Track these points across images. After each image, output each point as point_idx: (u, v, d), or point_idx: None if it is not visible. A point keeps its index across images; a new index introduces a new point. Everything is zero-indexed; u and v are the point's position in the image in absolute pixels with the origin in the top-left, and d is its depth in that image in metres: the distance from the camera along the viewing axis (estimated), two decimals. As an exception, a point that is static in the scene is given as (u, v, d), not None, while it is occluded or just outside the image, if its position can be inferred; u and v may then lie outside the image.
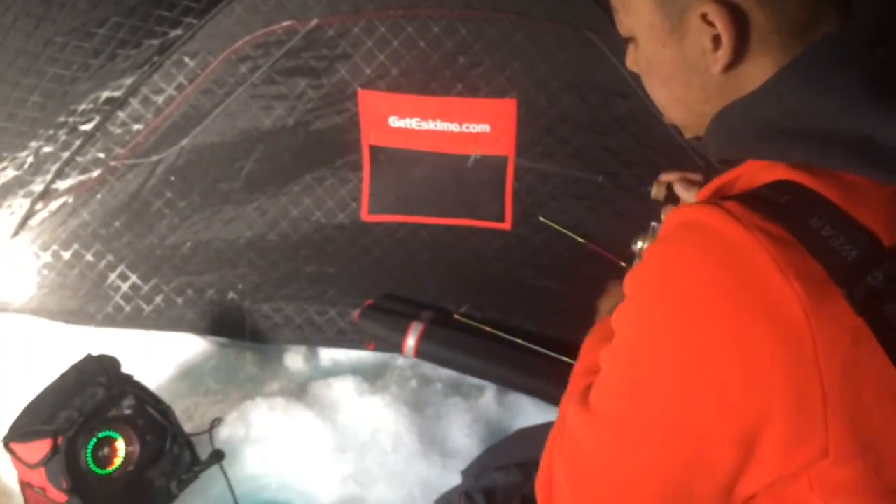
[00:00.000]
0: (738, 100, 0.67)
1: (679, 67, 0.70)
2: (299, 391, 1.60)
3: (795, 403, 0.54)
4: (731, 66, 0.66)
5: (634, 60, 0.77)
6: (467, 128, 1.53)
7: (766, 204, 0.57)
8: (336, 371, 1.71)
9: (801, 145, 0.60)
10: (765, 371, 0.54)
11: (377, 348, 1.74)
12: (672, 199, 1.03)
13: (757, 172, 0.62)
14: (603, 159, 1.52)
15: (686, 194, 0.95)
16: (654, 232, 0.97)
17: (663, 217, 0.97)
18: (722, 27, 0.64)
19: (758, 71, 0.66)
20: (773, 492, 0.59)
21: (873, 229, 0.54)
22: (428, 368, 1.68)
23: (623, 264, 1.41)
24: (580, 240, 1.58)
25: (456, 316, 1.73)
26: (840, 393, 0.53)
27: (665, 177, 1.01)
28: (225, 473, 1.34)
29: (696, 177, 0.97)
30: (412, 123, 1.54)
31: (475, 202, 1.62)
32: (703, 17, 0.65)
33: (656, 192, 1.04)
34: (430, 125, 1.54)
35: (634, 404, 0.61)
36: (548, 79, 1.46)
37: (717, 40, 0.65)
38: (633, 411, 0.61)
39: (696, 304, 0.56)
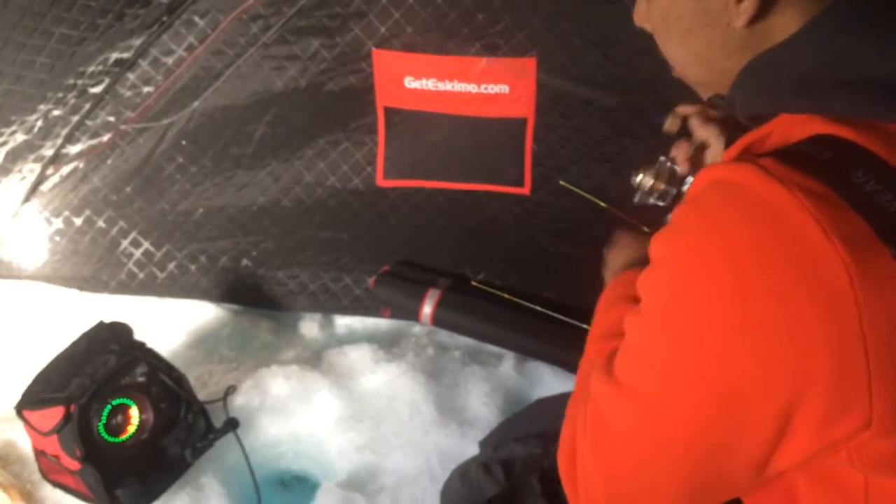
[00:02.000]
0: (769, 50, 0.63)
1: (698, 22, 0.67)
2: (314, 359, 1.58)
3: (837, 374, 0.51)
4: (756, 18, 0.62)
5: (646, 15, 0.73)
6: (485, 89, 1.49)
7: (805, 159, 0.53)
8: (351, 339, 1.69)
9: (842, 96, 0.56)
10: (805, 340, 0.51)
11: (393, 315, 1.71)
12: (685, 133, 0.97)
13: (792, 128, 0.58)
14: (627, 120, 1.46)
15: (701, 130, 0.89)
16: (661, 166, 0.92)
17: (673, 153, 0.92)
18: None
19: (786, 22, 0.62)
20: (811, 466, 0.55)
21: None
22: (445, 336, 1.65)
23: (646, 229, 1.37)
24: (602, 204, 1.53)
25: (473, 283, 1.69)
26: (888, 360, 0.49)
27: (682, 110, 0.95)
28: (240, 441, 1.32)
29: (715, 113, 0.91)
30: (428, 84, 1.50)
31: (493, 166, 1.58)
32: None
33: (670, 124, 0.98)
34: (447, 86, 1.49)
35: (665, 377, 0.58)
36: (569, 36, 1.40)
37: None
38: (665, 385, 0.58)
39: (731, 272, 0.53)
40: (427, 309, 1.60)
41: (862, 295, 0.49)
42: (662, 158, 0.95)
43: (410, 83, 1.50)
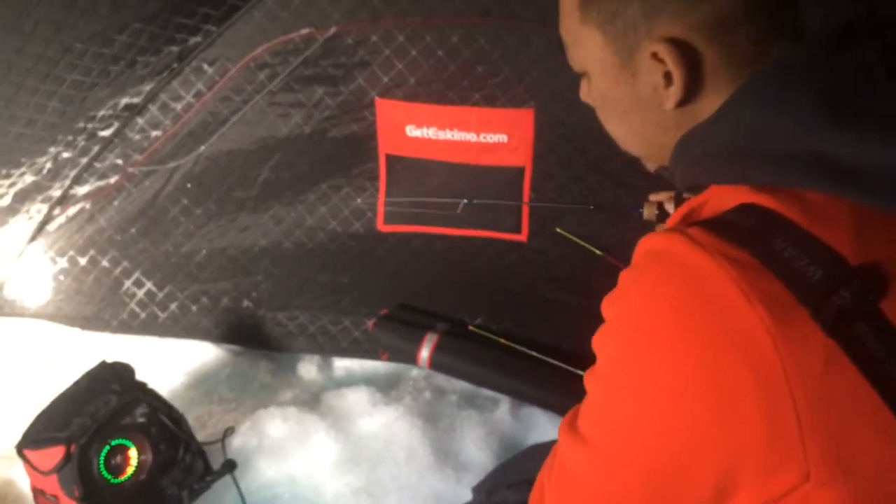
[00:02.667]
0: (697, 127, 0.67)
1: (633, 103, 0.71)
2: (312, 401, 1.59)
3: (770, 429, 0.53)
4: (684, 101, 0.67)
5: (588, 93, 0.77)
6: (484, 137, 1.52)
7: (729, 228, 0.57)
8: (350, 381, 1.70)
9: (761, 167, 0.60)
10: (736, 399, 0.54)
11: (391, 359, 1.73)
12: (664, 217, 1.02)
13: (724, 196, 0.62)
14: (622, 170, 1.50)
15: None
16: None
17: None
18: (672, 65, 0.65)
19: (711, 103, 0.66)
20: None
21: (838, 248, 0.54)
22: (442, 380, 1.66)
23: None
24: (598, 252, 1.56)
25: (471, 327, 1.72)
26: (816, 415, 0.53)
27: (654, 197, 1.01)
28: (237, 483, 1.33)
29: (689, 194, 0.96)
30: (429, 133, 1.53)
31: (490, 213, 1.61)
32: (654, 55, 0.66)
33: (648, 212, 1.05)
34: (448, 135, 1.53)
35: (617, 434, 0.62)
36: (566, 88, 1.44)
37: (668, 77, 0.66)
38: (616, 441, 0.62)
39: (664, 336, 0.57)
40: (425, 353, 1.62)
41: (786, 355, 0.52)
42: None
43: (412, 131, 1.54)
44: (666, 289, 0.57)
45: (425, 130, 1.53)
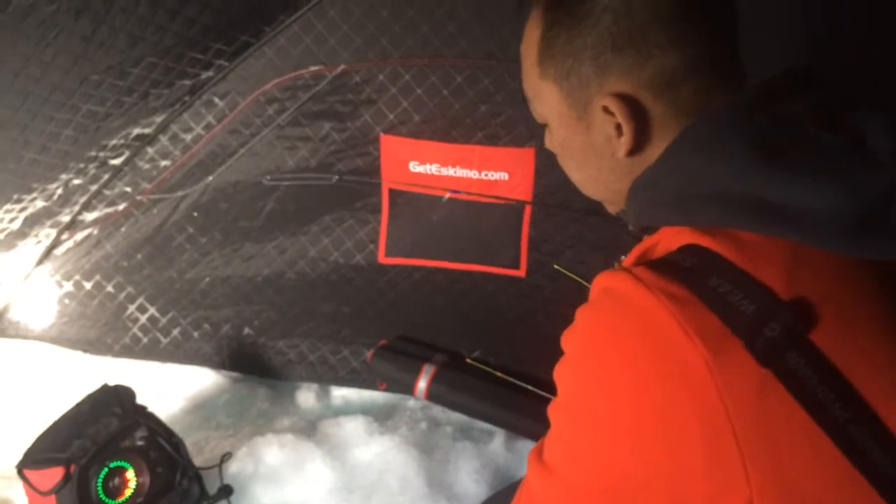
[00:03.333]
0: (643, 173, 0.73)
1: (589, 151, 0.77)
2: (310, 429, 1.61)
3: (713, 457, 0.57)
4: (634, 150, 0.73)
5: (551, 143, 0.84)
6: (486, 175, 1.56)
7: (671, 267, 0.61)
8: (347, 410, 1.72)
9: (701, 210, 0.64)
10: (680, 428, 0.57)
11: (388, 389, 1.75)
12: None
13: (671, 238, 0.66)
14: (619, 210, 1.53)
15: None
16: None
17: None
18: (621, 118, 0.70)
19: (658, 150, 0.72)
20: None
21: (770, 284, 0.58)
22: (438, 411, 1.68)
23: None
24: (594, 289, 1.58)
25: (468, 360, 1.74)
26: (755, 443, 0.56)
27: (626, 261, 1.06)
28: (232, 509, 1.34)
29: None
30: (432, 169, 1.57)
31: (491, 248, 1.64)
32: (605, 108, 0.71)
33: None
34: (450, 171, 1.57)
35: (572, 462, 0.66)
36: (567, 130, 1.48)
37: (619, 128, 0.72)
38: (573, 468, 0.66)
39: (612, 368, 0.61)
40: (422, 384, 1.64)
41: (722, 385, 0.56)
42: None
43: (415, 167, 1.58)
44: (614, 324, 0.61)
45: (428, 167, 1.57)
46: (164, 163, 1.61)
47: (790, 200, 0.60)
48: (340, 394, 1.79)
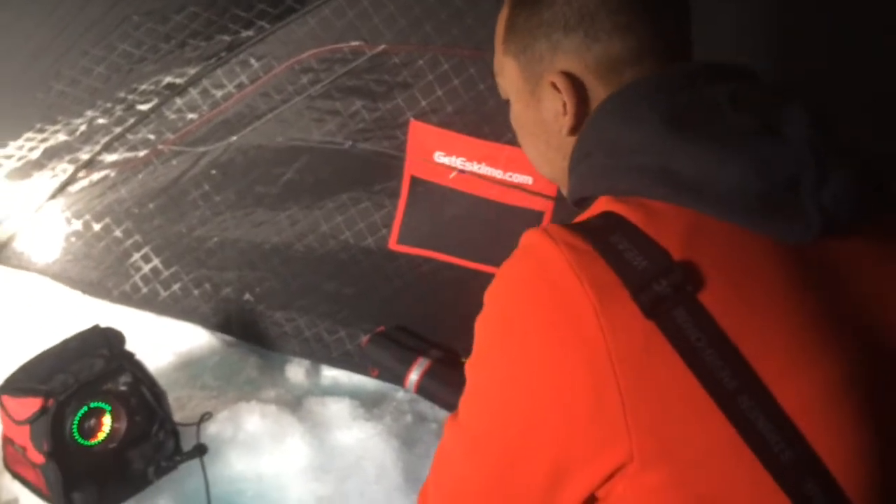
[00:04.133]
0: (575, 145, 0.77)
1: (539, 127, 0.82)
2: (295, 403, 1.59)
3: (596, 404, 0.58)
4: (576, 129, 0.77)
5: (512, 118, 0.89)
6: (510, 177, 1.54)
7: (580, 226, 0.64)
8: (335, 391, 1.69)
9: (619, 178, 0.68)
10: (567, 373, 0.59)
11: (380, 377, 1.73)
12: None
13: (596, 208, 0.69)
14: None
15: None
16: None
17: None
18: (566, 95, 0.76)
19: None
20: (603, 499, 0.62)
21: (666, 246, 0.61)
22: (426, 406, 1.66)
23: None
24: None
25: (463, 360, 1.71)
26: (637, 394, 0.57)
27: None
28: (204, 469, 1.33)
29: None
30: (457, 162, 1.55)
31: (504, 251, 1.61)
32: (553, 84, 0.77)
33: None
34: (474, 167, 1.55)
35: (475, 410, 0.69)
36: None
37: (566, 106, 0.76)
38: (476, 417, 0.69)
39: (511, 314, 0.64)
40: (413, 376, 1.60)
41: (609, 334, 0.58)
42: None
43: (440, 158, 1.56)
44: (517, 274, 0.65)
45: (453, 159, 1.55)
46: (190, 115, 1.61)
47: (694, 171, 0.63)
48: (331, 374, 1.76)
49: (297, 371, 1.75)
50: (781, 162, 0.62)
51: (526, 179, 1.53)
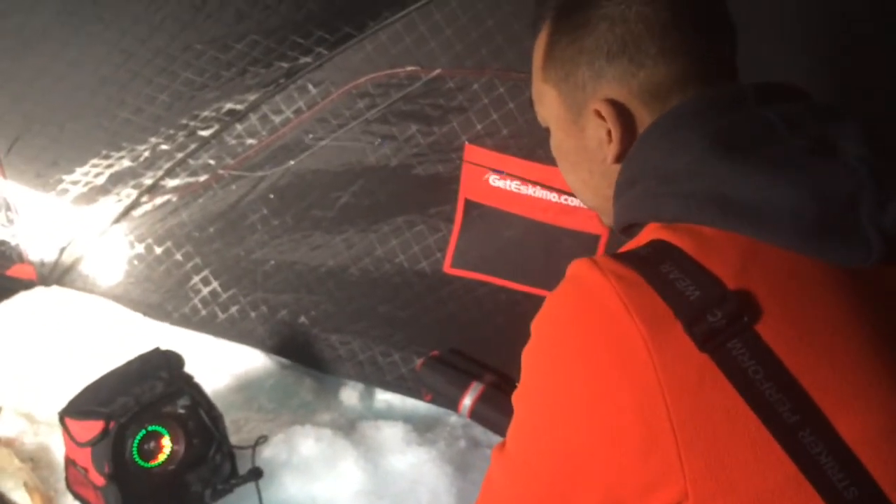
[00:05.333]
0: (620, 171, 0.75)
1: (582, 155, 0.80)
2: (348, 427, 1.59)
3: (648, 441, 0.56)
4: (622, 156, 0.75)
5: (552, 146, 0.87)
6: (566, 200, 1.52)
7: (629, 256, 0.62)
8: (388, 415, 1.69)
9: (665, 204, 0.66)
10: (616, 411, 0.57)
11: (433, 401, 1.72)
12: None
13: (644, 237, 0.67)
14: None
15: None
16: None
17: None
18: (611, 122, 0.74)
19: None
20: None
21: (720, 275, 0.58)
22: (479, 432, 1.64)
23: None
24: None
25: (517, 385, 1.69)
26: (691, 431, 0.54)
27: None
28: (259, 493, 1.33)
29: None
30: (512, 185, 1.54)
31: (560, 275, 1.59)
32: (597, 113, 0.75)
33: None
34: (530, 191, 1.54)
35: (523, 442, 0.67)
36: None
37: (610, 133, 0.75)
38: (523, 448, 0.67)
39: (557, 346, 0.62)
40: (467, 401, 1.59)
41: (660, 367, 0.55)
42: None
43: (495, 181, 1.55)
44: (566, 305, 0.63)
45: (508, 182, 1.54)
46: (249, 141, 1.63)
47: (748, 195, 0.60)
48: (384, 398, 1.76)
49: (350, 394, 1.75)
50: (838, 183, 0.60)
51: (581, 203, 1.51)
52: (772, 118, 0.65)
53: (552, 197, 1.53)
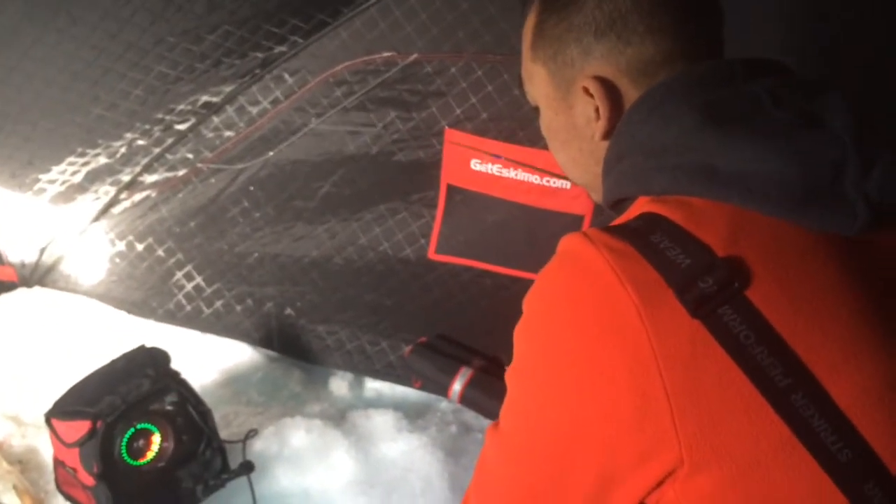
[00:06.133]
0: (608, 147, 0.75)
1: (571, 133, 0.81)
2: (339, 417, 1.59)
3: (642, 409, 0.56)
4: (610, 133, 0.76)
5: (541, 125, 0.88)
6: (548, 182, 1.52)
7: (620, 228, 0.63)
8: (378, 403, 1.69)
9: (654, 177, 0.67)
10: (611, 381, 0.58)
11: (423, 388, 1.72)
12: None
13: (634, 210, 0.68)
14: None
15: None
16: None
17: None
18: (599, 99, 0.74)
19: None
20: None
21: (710, 243, 0.59)
22: (470, 417, 1.64)
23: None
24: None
25: (507, 368, 1.69)
26: (685, 397, 0.55)
27: None
28: (251, 486, 1.33)
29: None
30: (493, 169, 1.54)
31: (545, 257, 1.59)
32: (585, 90, 0.76)
33: None
34: (512, 173, 1.53)
35: (516, 419, 0.68)
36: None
37: (598, 110, 0.75)
38: (516, 426, 0.68)
39: (550, 320, 0.63)
40: (457, 387, 1.59)
41: (653, 335, 0.56)
42: None
43: (476, 165, 1.54)
44: (558, 279, 0.64)
45: (490, 166, 1.54)
46: (227, 133, 1.62)
47: (735, 165, 0.61)
48: (374, 386, 1.76)
49: (340, 384, 1.75)
50: (823, 151, 0.61)
51: (564, 184, 1.51)
52: (759, 92, 0.66)
53: (534, 179, 1.52)
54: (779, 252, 0.60)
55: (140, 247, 1.75)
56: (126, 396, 1.26)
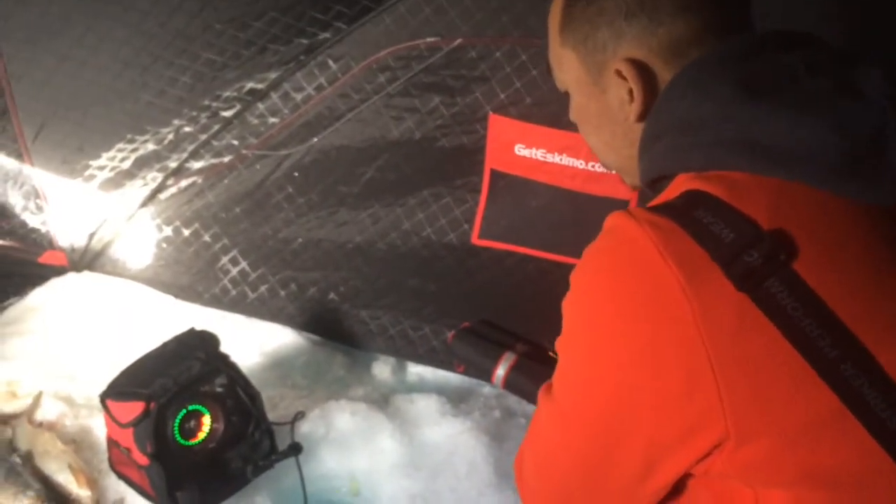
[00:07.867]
0: (645, 126, 0.74)
1: (604, 117, 0.80)
2: (382, 401, 1.60)
3: (688, 383, 0.57)
4: (644, 115, 0.75)
5: (572, 111, 0.88)
6: (592, 167, 1.51)
7: (664, 206, 0.63)
8: (421, 387, 1.70)
9: (694, 153, 0.66)
10: (657, 353, 0.58)
11: (466, 372, 1.72)
12: None
13: (674, 189, 0.67)
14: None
15: None
16: None
17: None
18: (632, 81, 0.74)
19: None
20: (707, 481, 0.62)
21: (754, 217, 0.59)
22: (514, 401, 1.65)
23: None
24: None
25: (551, 354, 1.69)
26: (732, 371, 0.56)
27: None
28: (300, 467, 1.34)
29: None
30: (538, 154, 1.53)
31: (588, 242, 1.58)
32: (618, 72, 0.75)
33: None
34: (556, 159, 1.53)
35: (569, 390, 0.69)
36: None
37: (632, 93, 0.75)
38: (569, 396, 0.68)
39: (599, 296, 0.63)
40: (500, 371, 1.59)
41: (698, 310, 0.56)
42: None
43: (520, 150, 1.54)
44: (603, 256, 0.65)
45: (534, 151, 1.53)
46: (272, 120, 1.63)
47: (775, 136, 0.61)
48: (416, 371, 1.77)
49: (383, 368, 1.76)
50: (863, 120, 0.61)
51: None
52: (794, 62, 0.66)
53: (579, 164, 1.51)
54: (822, 224, 0.59)
55: (186, 232, 1.77)
56: (178, 378, 1.28)
